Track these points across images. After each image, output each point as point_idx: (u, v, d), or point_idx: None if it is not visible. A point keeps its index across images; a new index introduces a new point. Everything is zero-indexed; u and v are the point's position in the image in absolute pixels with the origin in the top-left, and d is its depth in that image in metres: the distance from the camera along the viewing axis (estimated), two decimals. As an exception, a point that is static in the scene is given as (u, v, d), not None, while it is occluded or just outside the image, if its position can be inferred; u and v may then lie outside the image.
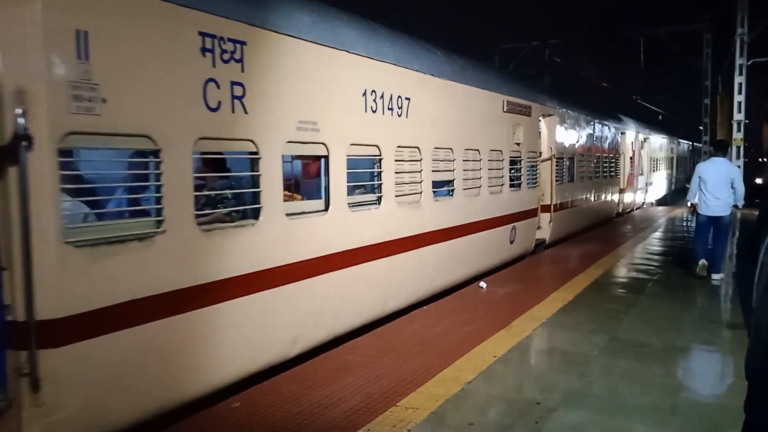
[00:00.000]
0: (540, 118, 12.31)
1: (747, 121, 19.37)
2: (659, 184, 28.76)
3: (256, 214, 5.17)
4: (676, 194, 30.90)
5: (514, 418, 4.45)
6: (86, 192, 4.20)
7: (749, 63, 19.23)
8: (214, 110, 4.70)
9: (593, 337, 6.44)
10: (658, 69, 33.49)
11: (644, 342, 6.29)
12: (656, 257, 12.03)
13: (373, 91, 6.71)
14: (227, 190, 5.19)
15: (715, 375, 5.70)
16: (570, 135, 14.15)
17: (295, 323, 5.63)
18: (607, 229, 16.74)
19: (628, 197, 21.34)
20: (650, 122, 28.82)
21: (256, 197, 5.18)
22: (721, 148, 10.13)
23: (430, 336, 6.41)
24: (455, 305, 7.79)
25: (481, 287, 8.70)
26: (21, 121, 3.47)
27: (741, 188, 9.41)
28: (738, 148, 19.26)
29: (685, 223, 17.91)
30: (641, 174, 23.45)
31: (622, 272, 10.39)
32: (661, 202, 27.79)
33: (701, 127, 26.89)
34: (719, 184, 9.27)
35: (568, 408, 4.61)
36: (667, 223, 18.68)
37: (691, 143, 41.79)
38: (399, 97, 7.20)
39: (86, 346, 3.82)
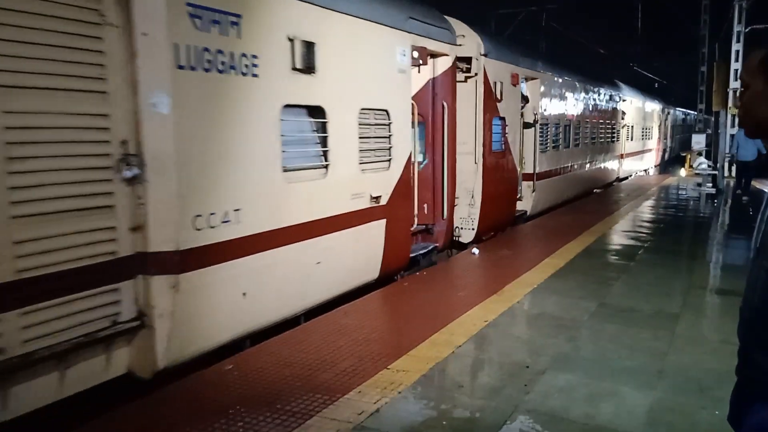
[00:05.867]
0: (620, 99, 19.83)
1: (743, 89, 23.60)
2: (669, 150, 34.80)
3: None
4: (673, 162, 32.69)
5: (504, 380, 4.47)
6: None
7: (747, 30, 18.74)
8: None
9: (583, 302, 6.45)
10: (656, 36, 32.85)
11: (633, 307, 6.32)
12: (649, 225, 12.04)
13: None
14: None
15: (702, 339, 5.56)
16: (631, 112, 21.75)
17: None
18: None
19: (658, 154, 29.77)
20: (647, 90, 29.94)
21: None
22: None
23: (421, 301, 6.53)
24: (447, 271, 8.03)
25: (473, 253, 8.81)
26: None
27: None
28: (734, 116, 18.40)
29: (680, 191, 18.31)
30: (665, 138, 31.93)
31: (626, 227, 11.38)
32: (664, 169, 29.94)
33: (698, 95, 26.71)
34: None
35: (556, 371, 4.63)
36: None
37: (694, 113, 40.41)
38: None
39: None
